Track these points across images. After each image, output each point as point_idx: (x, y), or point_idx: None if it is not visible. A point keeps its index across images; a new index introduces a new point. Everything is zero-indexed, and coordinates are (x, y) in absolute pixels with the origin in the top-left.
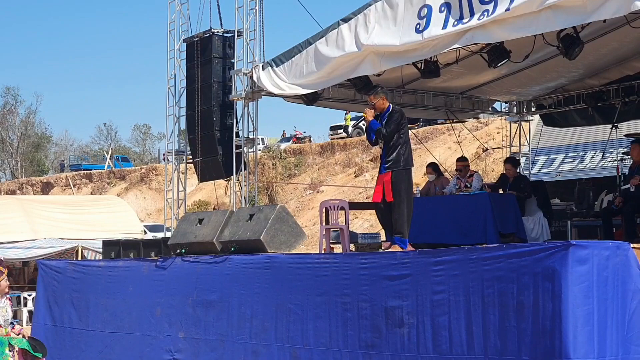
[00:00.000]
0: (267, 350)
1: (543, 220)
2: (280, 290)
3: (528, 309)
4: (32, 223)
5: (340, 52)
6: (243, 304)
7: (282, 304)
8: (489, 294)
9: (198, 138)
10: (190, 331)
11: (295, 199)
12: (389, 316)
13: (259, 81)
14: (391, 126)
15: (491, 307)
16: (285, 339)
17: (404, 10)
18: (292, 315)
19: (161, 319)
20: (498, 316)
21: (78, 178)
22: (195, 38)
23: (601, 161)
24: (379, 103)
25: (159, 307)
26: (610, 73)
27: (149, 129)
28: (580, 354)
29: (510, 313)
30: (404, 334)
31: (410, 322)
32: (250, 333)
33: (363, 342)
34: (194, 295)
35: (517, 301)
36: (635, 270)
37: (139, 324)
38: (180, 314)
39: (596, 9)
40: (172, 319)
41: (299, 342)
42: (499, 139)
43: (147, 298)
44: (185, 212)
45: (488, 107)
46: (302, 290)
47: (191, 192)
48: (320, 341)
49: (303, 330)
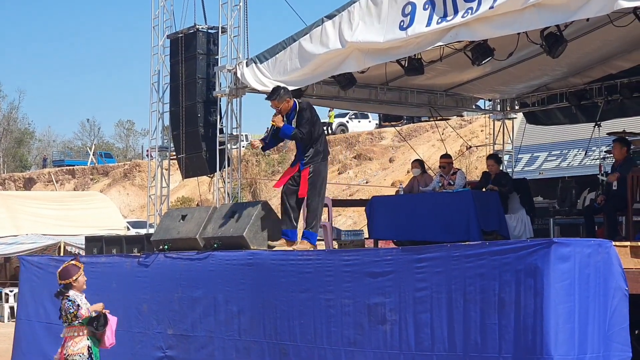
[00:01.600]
0: (257, 346)
1: (526, 218)
2: (265, 287)
3: (509, 306)
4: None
5: (324, 49)
6: (229, 301)
7: (268, 301)
8: (471, 291)
9: (182, 134)
10: (178, 328)
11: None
12: (372, 313)
13: (242, 78)
14: (306, 127)
15: (472, 304)
16: (273, 335)
17: (388, 8)
18: (279, 312)
19: (148, 315)
20: (479, 313)
21: (61, 174)
22: (179, 34)
23: (584, 159)
24: (284, 106)
25: (145, 304)
26: (593, 72)
27: (132, 125)
28: (562, 351)
29: (492, 310)
30: (387, 331)
31: (392, 319)
32: (239, 330)
33: (346, 339)
34: (178, 291)
35: (498, 298)
36: (616, 268)
37: (126, 320)
38: (167, 310)
39: (580, 7)
40: (160, 315)
41: (287, 338)
42: (483, 137)
43: (132, 294)
44: (169, 209)
45: (472, 104)
46: (286, 287)
47: (174, 188)
48: (306, 338)
49: (290, 327)
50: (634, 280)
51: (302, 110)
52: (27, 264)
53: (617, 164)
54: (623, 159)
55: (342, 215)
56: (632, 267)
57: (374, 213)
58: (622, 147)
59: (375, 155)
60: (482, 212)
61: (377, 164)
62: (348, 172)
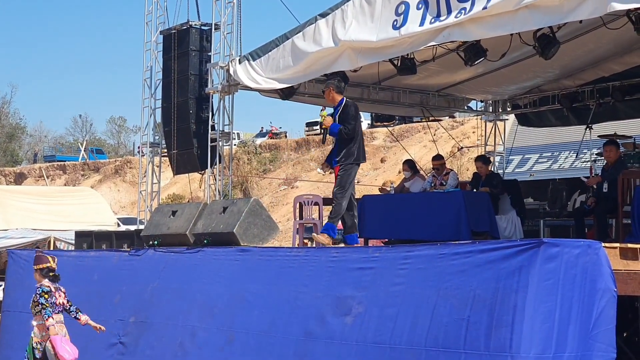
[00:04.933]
0: (205, 333)
1: (516, 219)
2: (241, 280)
3: (483, 302)
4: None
5: (317, 47)
6: (200, 292)
7: (236, 293)
8: (446, 287)
9: (174, 130)
10: (140, 315)
11: (270, 194)
12: (339, 305)
13: (235, 75)
14: (351, 123)
15: (443, 300)
16: (227, 323)
17: (382, 7)
18: (243, 303)
19: (118, 305)
20: (449, 309)
21: (52, 169)
22: (173, 30)
23: (575, 162)
24: (328, 97)
25: (119, 295)
26: (585, 74)
27: (124, 122)
28: (537, 349)
29: (463, 306)
30: (347, 323)
31: (357, 312)
32: (198, 317)
33: (302, 330)
34: (155, 283)
35: (474, 294)
36: (605, 269)
37: (97, 309)
38: (136, 299)
39: (573, 9)
40: (128, 304)
41: (239, 327)
42: (474, 138)
43: (110, 286)
44: (159, 205)
45: (464, 105)
46: (261, 281)
47: (165, 185)
48: (259, 327)
49: (247, 316)
50: (622, 282)
51: (347, 106)
52: (15, 257)
53: (608, 167)
54: (614, 162)
55: None
56: (621, 268)
57: (364, 212)
58: (614, 149)
59: (366, 155)
60: (472, 213)
61: (369, 164)
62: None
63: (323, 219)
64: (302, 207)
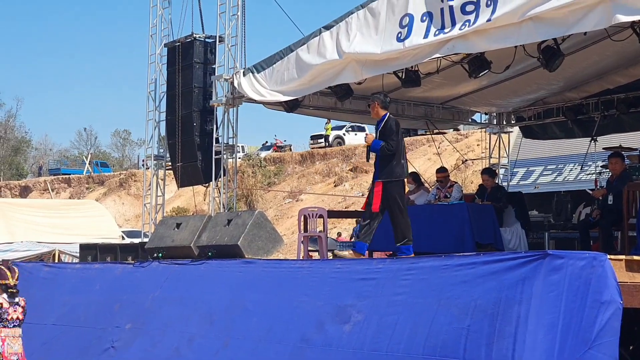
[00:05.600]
0: (203, 339)
1: (521, 231)
2: (243, 289)
3: (484, 312)
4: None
5: (321, 59)
6: (201, 300)
7: (236, 301)
8: (448, 297)
9: (178, 143)
10: (137, 322)
11: (275, 207)
12: (339, 314)
13: (239, 87)
14: (393, 139)
15: (445, 309)
16: (224, 329)
17: (386, 19)
18: (242, 310)
19: (116, 313)
20: (449, 318)
21: (56, 182)
22: (177, 43)
23: (580, 174)
24: (372, 111)
25: (118, 303)
26: (590, 86)
27: (129, 135)
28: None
29: (464, 315)
30: (345, 331)
31: (356, 320)
32: (197, 324)
33: (299, 336)
34: (156, 292)
35: (475, 304)
36: (611, 282)
37: (94, 317)
38: (136, 308)
39: (577, 21)
40: (127, 312)
41: (235, 334)
42: (479, 151)
43: (111, 295)
44: (164, 217)
45: (468, 118)
46: (263, 290)
47: (170, 198)
48: (257, 333)
49: (245, 323)
50: (628, 294)
51: (389, 122)
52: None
53: (613, 179)
54: (619, 174)
55: (337, 227)
56: (627, 281)
57: None
58: (619, 161)
59: (371, 168)
60: (477, 225)
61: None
62: (344, 184)
63: (328, 231)
64: (307, 220)
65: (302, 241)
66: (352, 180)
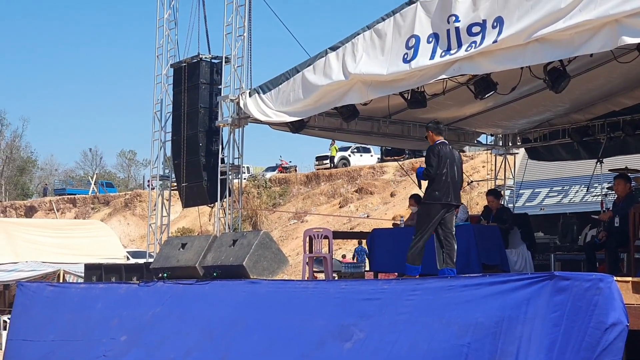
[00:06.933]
0: (200, 352)
1: (527, 253)
2: (246, 308)
3: (486, 331)
4: (14, 246)
5: (327, 80)
6: (202, 317)
7: (238, 319)
8: (450, 316)
9: (183, 163)
10: (133, 335)
11: (280, 228)
12: (341, 332)
13: (245, 108)
14: (431, 164)
15: (446, 327)
16: (222, 345)
17: (392, 40)
18: (244, 328)
19: (114, 326)
20: (449, 335)
21: (62, 202)
22: (183, 63)
23: (585, 196)
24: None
25: (117, 318)
26: (596, 108)
27: (134, 155)
28: None
29: (464, 333)
30: (345, 348)
31: (358, 338)
32: (196, 339)
33: (299, 353)
34: (157, 309)
35: (476, 322)
36: (617, 303)
37: (91, 331)
38: (134, 322)
39: (583, 43)
40: (125, 325)
41: (234, 349)
42: (484, 172)
43: (112, 312)
44: (169, 237)
45: (474, 139)
46: (266, 310)
47: (175, 219)
48: (255, 350)
49: (245, 340)
50: (635, 316)
51: (430, 149)
52: (23, 289)
53: (619, 201)
54: (625, 196)
55: (342, 248)
56: (634, 302)
57: (374, 246)
58: (625, 183)
59: (376, 190)
60: (483, 246)
61: (379, 198)
62: (349, 205)
63: (333, 252)
64: (312, 241)
65: (307, 262)
66: (357, 202)
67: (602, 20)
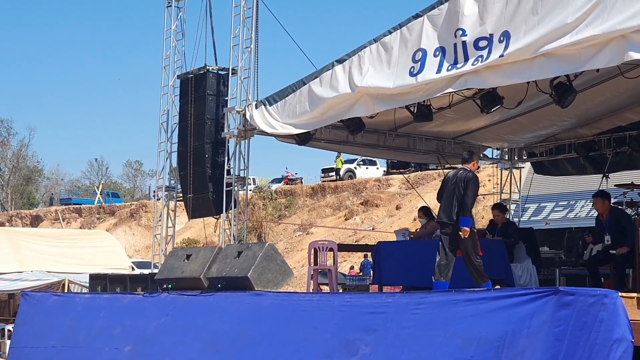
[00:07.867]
0: None
1: (532, 267)
2: (251, 321)
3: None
4: (19, 255)
5: (333, 92)
6: (206, 329)
7: (244, 332)
8: (454, 330)
9: (189, 174)
10: (137, 345)
11: (285, 240)
12: (347, 347)
13: (251, 119)
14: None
15: (449, 340)
16: (227, 356)
17: (399, 54)
18: (249, 341)
19: (116, 336)
20: (452, 348)
21: (67, 212)
22: (190, 74)
23: (591, 211)
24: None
25: (120, 327)
26: (602, 123)
27: (140, 166)
28: None
29: (468, 346)
30: None
31: (364, 353)
32: (200, 351)
33: None
34: (161, 319)
35: (480, 336)
36: (622, 319)
37: (93, 339)
38: (138, 332)
39: (590, 58)
40: (128, 335)
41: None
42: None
43: (115, 320)
44: (174, 248)
45: (480, 153)
46: (271, 322)
47: (180, 230)
48: None
49: (251, 353)
50: None
51: None
52: (28, 298)
53: (604, 218)
54: (609, 213)
55: (347, 261)
56: (639, 319)
57: (380, 259)
58: (603, 201)
59: (382, 202)
60: (487, 260)
61: (384, 211)
62: (355, 218)
63: (338, 265)
64: (317, 253)
65: (312, 274)
66: (362, 214)
67: (608, 36)
